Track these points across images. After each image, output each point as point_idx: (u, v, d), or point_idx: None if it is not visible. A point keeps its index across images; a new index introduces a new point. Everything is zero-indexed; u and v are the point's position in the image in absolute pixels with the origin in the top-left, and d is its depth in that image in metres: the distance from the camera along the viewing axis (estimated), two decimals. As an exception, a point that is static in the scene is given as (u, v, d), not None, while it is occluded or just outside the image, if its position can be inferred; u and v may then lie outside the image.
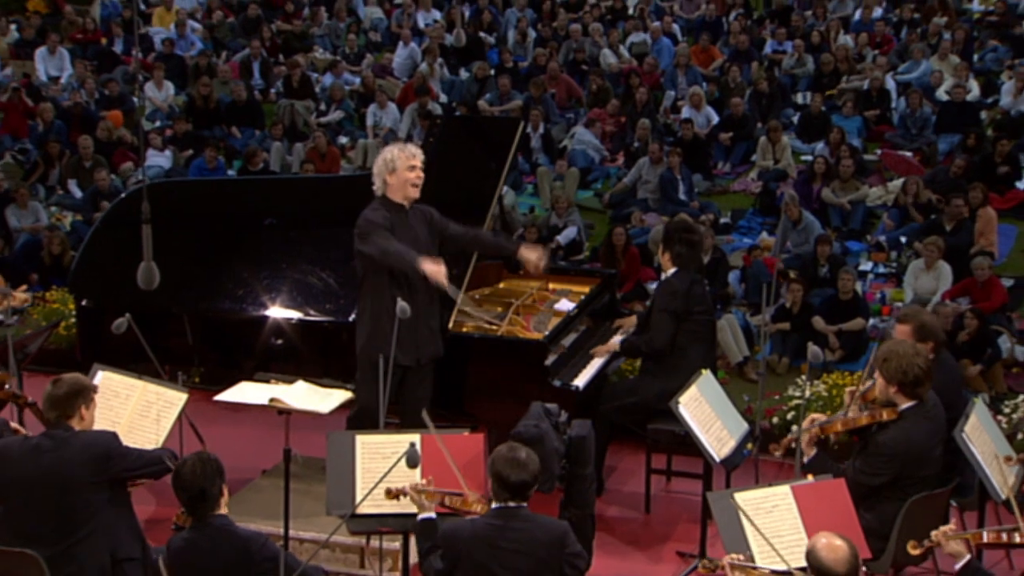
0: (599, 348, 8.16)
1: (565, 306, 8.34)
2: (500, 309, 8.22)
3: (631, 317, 8.56)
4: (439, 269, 7.00)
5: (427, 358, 7.34)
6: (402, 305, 6.72)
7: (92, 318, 8.18)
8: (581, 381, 7.77)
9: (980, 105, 16.25)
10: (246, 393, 6.97)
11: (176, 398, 6.88)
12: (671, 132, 15.63)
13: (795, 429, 6.99)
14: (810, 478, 6.10)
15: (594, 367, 7.99)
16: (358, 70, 18.29)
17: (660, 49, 18.42)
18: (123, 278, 6.93)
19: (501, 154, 8.11)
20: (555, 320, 8.06)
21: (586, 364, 8.00)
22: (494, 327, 7.96)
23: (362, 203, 7.41)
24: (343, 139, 16.04)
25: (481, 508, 5.72)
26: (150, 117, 16.75)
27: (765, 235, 13.07)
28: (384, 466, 5.88)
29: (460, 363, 7.55)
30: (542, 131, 15.44)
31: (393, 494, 5.92)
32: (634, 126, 15.38)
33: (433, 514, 5.76)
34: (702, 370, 7.28)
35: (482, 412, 7.36)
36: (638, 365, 8.49)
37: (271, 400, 6.78)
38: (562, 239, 12.87)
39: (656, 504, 8.06)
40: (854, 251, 12.80)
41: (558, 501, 6.65)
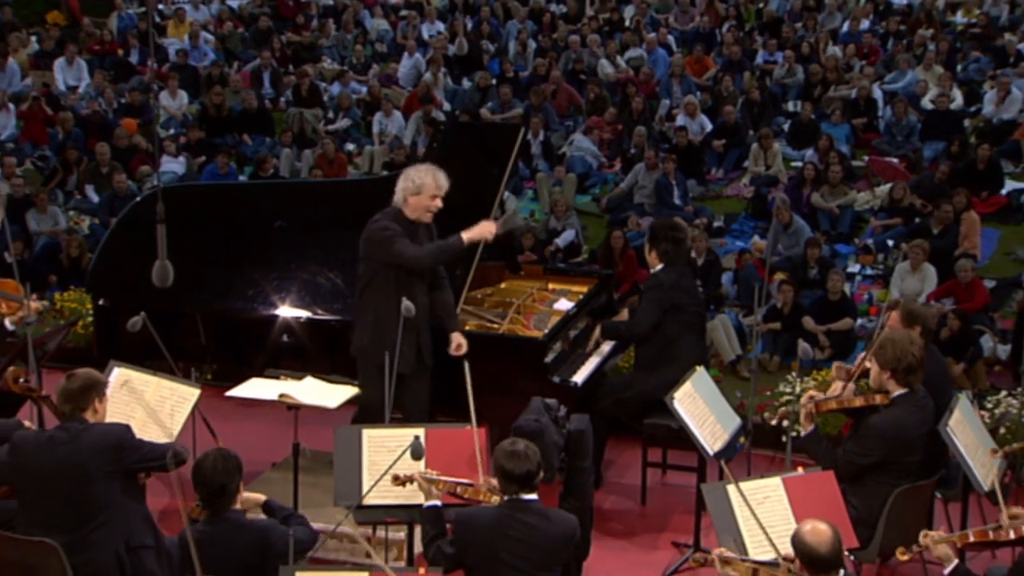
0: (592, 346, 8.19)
1: (564, 305, 8.32)
2: (501, 308, 8.22)
3: (622, 313, 8.56)
4: (484, 226, 7.19)
5: (426, 361, 7.36)
6: (407, 304, 6.72)
7: (108, 317, 8.19)
8: (579, 377, 7.78)
9: (963, 113, 16.25)
10: (256, 389, 6.98)
11: (189, 394, 6.87)
12: (666, 139, 15.61)
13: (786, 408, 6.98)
14: (800, 470, 6.11)
15: (592, 364, 7.99)
16: (365, 79, 18.27)
17: (656, 60, 18.41)
18: (138, 278, 6.89)
19: (502, 159, 8.09)
20: (554, 319, 8.04)
21: (584, 361, 8.00)
22: (495, 325, 7.95)
23: (368, 206, 7.42)
24: (350, 146, 16.01)
25: (493, 498, 5.70)
26: (164, 125, 16.73)
27: (757, 238, 13.05)
28: (390, 459, 5.87)
29: (463, 361, 7.53)
30: (542, 138, 15.43)
31: (401, 480, 5.91)
32: (631, 133, 15.38)
33: (439, 502, 5.75)
34: (696, 367, 7.28)
35: (484, 408, 7.29)
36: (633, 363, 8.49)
37: (281, 396, 6.78)
38: (561, 242, 12.85)
39: (652, 496, 8.06)
40: (843, 254, 12.79)
41: (557, 493, 6.64)
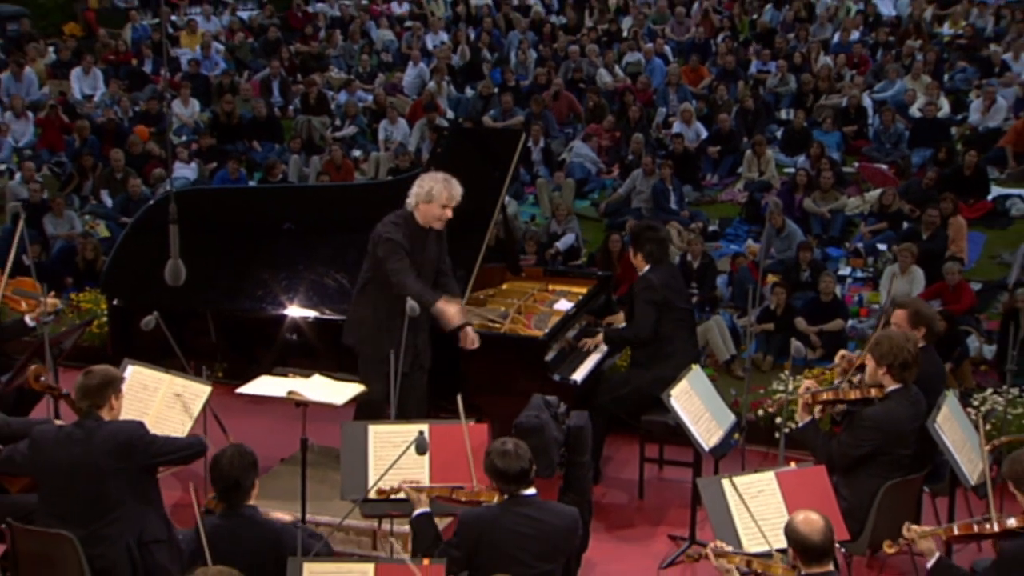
0: (587, 340, 8.14)
1: (564, 306, 8.31)
2: (503, 308, 8.20)
3: (619, 315, 8.54)
4: (453, 312, 7.06)
5: (423, 363, 7.35)
6: (411, 304, 6.71)
7: (122, 316, 8.18)
8: (579, 375, 7.77)
9: (950, 122, 16.27)
10: (266, 386, 6.96)
11: (201, 391, 6.85)
12: (663, 146, 15.61)
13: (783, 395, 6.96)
14: (793, 465, 6.11)
15: (591, 363, 7.97)
16: (371, 88, 18.28)
17: (653, 69, 18.43)
18: (151, 279, 6.92)
19: (504, 164, 8.09)
20: (555, 319, 8.03)
21: (584, 359, 7.99)
22: (497, 325, 7.95)
23: (373, 210, 7.41)
24: (357, 152, 16.02)
25: (490, 497, 5.68)
26: (177, 132, 16.76)
27: (751, 242, 13.04)
28: (395, 454, 5.86)
29: (466, 359, 7.53)
30: (542, 145, 15.43)
31: (387, 493, 5.89)
32: (628, 140, 15.38)
33: (428, 508, 5.73)
34: (692, 365, 7.28)
35: (486, 405, 7.33)
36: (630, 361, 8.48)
37: (289, 393, 6.76)
38: (561, 245, 12.85)
39: (649, 490, 8.05)
40: (834, 257, 12.79)
41: (557, 487, 6.63)
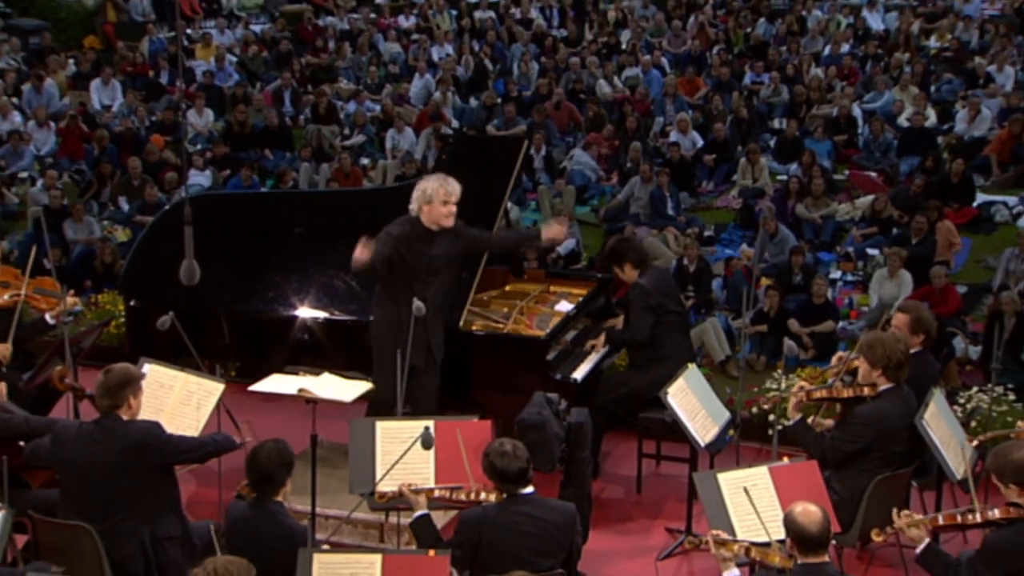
0: (591, 342, 8.15)
1: (565, 307, 8.30)
2: (506, 309, 8.19)
3: (619, 317, 8.53)
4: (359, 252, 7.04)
5: (436, 357, 7.33)
6: (418, 304, 6.71)
7: (139, 317, 8.20)
8: (579, 374, 7.76)
9: (937, 131, 16.23)
10: (277, 384, 6.95)
11: (214, 388, 6.85)
12: (660, 154, 15.59)
13: (777, 394, 6.95)
14: (786, 460, 6.10)
15: (591, 362, 7.96)
16: (378, 98, 18.27)
17: (650, 80, 18.42)
18: (167, 281, 6.91)
19: (507, 170, 8.07)
20: (556, 319, 8.02)
21: (584, 359, 7.98)
22: (500, 325, 7.94)
23: (380, 214, 7.41)
24: (365, 160, 16.00)
25: (483, 495, 5.66)
26: (192, 140, 16.74)
27: (745, 247, 13.02)
28: (402, 449, 5.85)
29: (470, 358, 7.52)
30: (544, 153, 15.42)
31: (387, 497, 5.87)
32: (627, 149, 15.36)
33: (426, 510, 5.72)
34: (689, 363, 7.27)
35: (490, 402, 7.33)
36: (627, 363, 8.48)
37: (300, 390, 6.75)
38: (562, 250, 12.80)
39: (647, 485, 8.03)
40: (825, 261, 12.75)
41: (558, 481, 6.62)
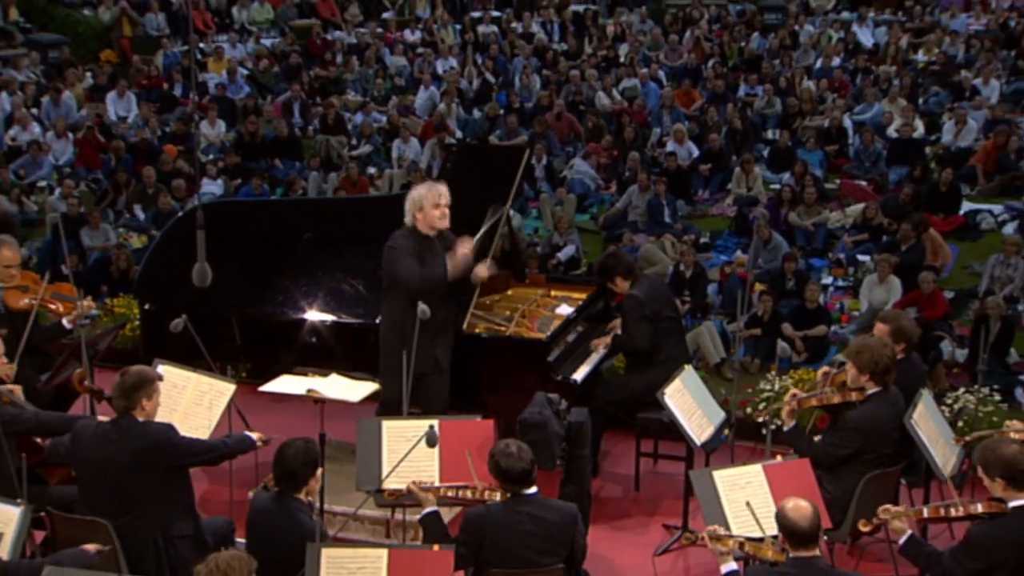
0: (596, 341, 8.14)
1: (565, 310, 8.29)
2: (508, 312, 8.18)
3: (617, 322, 8.53)
4: (462, 247, 7.10)
5: (443, 364, 7.32)
6: (422, 307, 6.70)
7: (153, 320, 8.19)
8: (579, 375, 7.75)
9: (925, 142, 16.23)
10: (286, 385, 6.95)
11: (226, 389, 6.85)
12: (657, 164, 15.59)
13: (774, 404, 6.95)
14: (779, 458, 6.09)
15: (591, 363, 7.95)
16: (385, 110, 18.28)
17: (648, 92, 18.42)
18: (180, 285, 6.90)
19: (509, 178, 8.07)
20: (556, 322, 8.02)
21: (584, 360, 7.97)
22: (503, 328, 7.93)
23: (386, 220, 7.41)
24: (371, 169, 15.99)
25: (488, 494, 5.65)
26: (204, 151, 16.74)
27: (739, 253, 13.02)
28: (407, 447, 5.84)
29: (474, 360, 7.51)
30: (545, 163, 15.42)
31: (395, 494, 5.87)
32: (625, 158, 15.36)
33: (435, 507, 5.71)
34: (685, 365, 7.26)
35: (493, 402, 7.32)
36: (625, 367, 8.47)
37: (308, 391, 6.75)
38: (562, 256, 12.83)
39: (645, 483, 8.03)
40: (817, 267, 12.74)
41: (559, 479, 6.61)
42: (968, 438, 6.73)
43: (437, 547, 5.23)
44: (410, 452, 5.77)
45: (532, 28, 21.97)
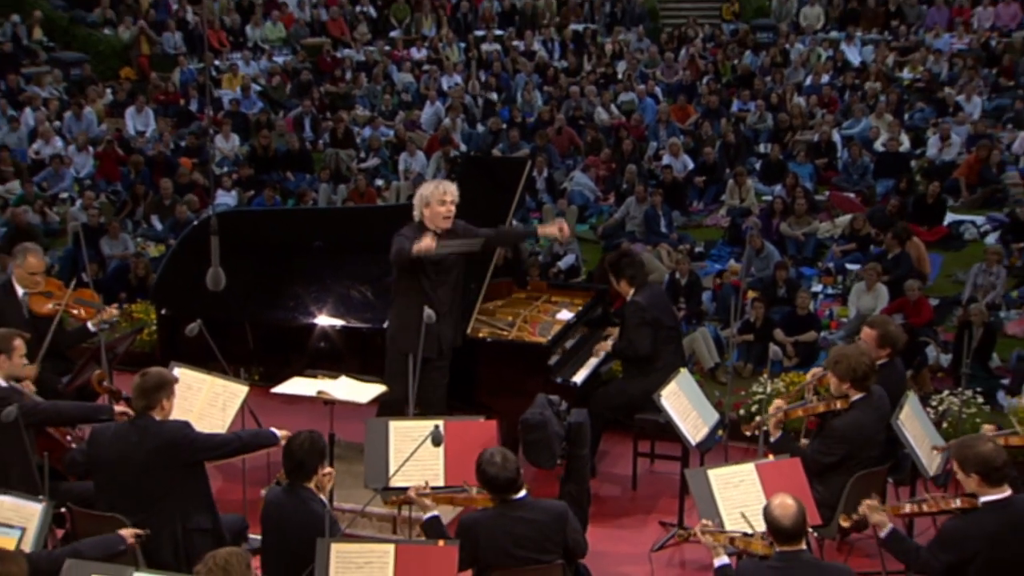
0: (597, 346, 8.13)
1: (565, 316, 8.28)
2: (510, 318, 8.17)
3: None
4: (424, 241, 6.91)
5: (447, 348, 7.29)
6: (428, 312, 6.70)
7: (170, 324, 8.19)
8: (579, 378, 7.74)
9: (910, 155, 16.25)
10: (297, 386, 6.95)
11: (239, 391, 6.84)
12: (654, 176, 15.58)
13: (759, 417, 6.93)
14: (771, 457, 6.08)
15: (590, 366, 7.94)
16: (392, 124, 18.27)
17: (645, 107, 18.43)
18: (195, 291, 6.91)
19: (511, 188, 8.07)
20: (557, 327, 8.00)
21: (583, 363, 7.95)
22: (505, 332, 7.92)
23: (393, 229, 7.39)
24: (379, 181, 16.00)
25: (486, 500, 5.63)
26: (219, 163, 16.76)
27: (733, 262, 13.02)
28: (413, 447, 5.83)
29: (477, 362, 7.51)
30: (546, 175, 15.43)
31: (396, 502, 5.86)
32: (623, 171, 15.36)
33: (436, 512, 5.69)
34: (681, 368, 7.25)
35: (495, 404, 7.31)
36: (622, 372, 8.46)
37: (318, 392, 6.75)
38: (563, 264, 12.84)
39: (642, 482, 8.01)
40: (807, 275, 12.75)
41: (559, 477, 6.60)
42: (955, 442, 6.71)
43: (442, 543, 5.23)
44: (416, 451, 5.76)
45: (534, 46, 21.97)
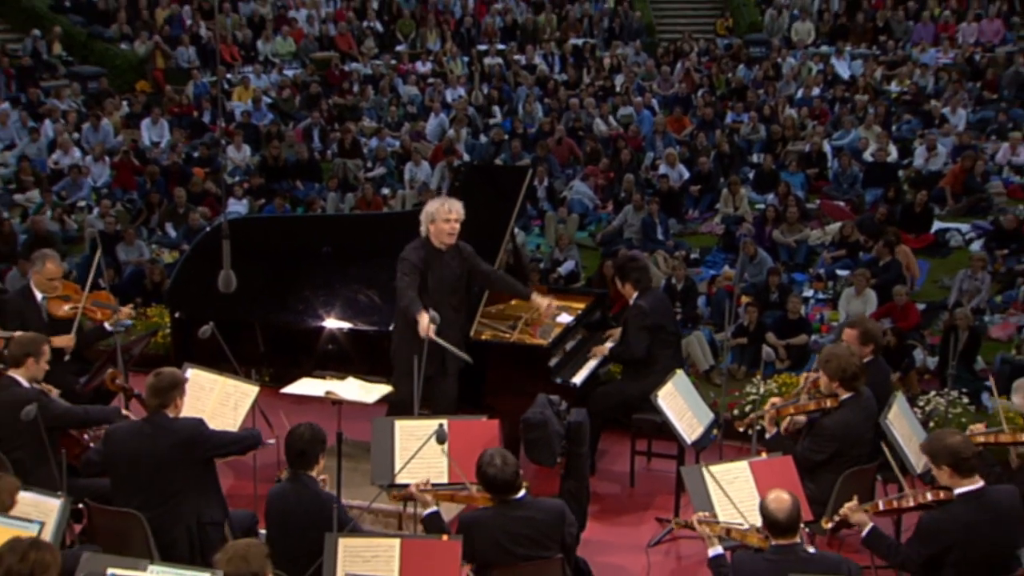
0: (596, 349, 8.11)
1: (565, 319, 8.26)
2: (513, 321, 8.14)
3: (618, 329, 8.49)
4: (425, 327, 6.72)
5: (448, 367, 7.25)
6: (432, 314, 6.69)
7: (183, 327, 8.17)
8: (578, 379, 7.71)
9: (898, 165, 16.28)
10: (306, 387, 6.93)
11: (250, 391, 6.86)
12: (651, 185, 15.60)
13: (754, 413, 6.92)
14: (764, 455, 6.07)
15: (588, 368, 7.93)
16: (398, 135, 18.30)
17: (642, 119, 18.45)
18: (208, 295, 6.91)
19: (512, 197, 8.07)
20: (557, 330, 7.99)
21: (583, 365, 7.94)
22: (507, 335, 7.92)
23: (397, 235, 7.40)
24: (385, 190, 16.03)
25: (486, 499, 5.62)
26: (231, 173, 16.78)
27: (727, 268, 13.03)
28: (418, 445, 5.83)
29: (480, 364, 7.50)
30: (547, 184, 15.44)
31: (399, 497, 5.85)
32: (621, 180, 15.37)
33: (436, 508, 5.70)
34: (677, 369, 7.24)
35: (498, 403, 7.30)
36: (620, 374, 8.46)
37: (326, 393, 6.74)
38: (563, 270, 12.84)
39: (639, 479, 7.99)
40: (799, 281, 12.76)
41: (559, 474, 6.59)
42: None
43: (446, 537, 5.22)
44: (421, 449, 5.76)
45: (535, 60, 22.00)
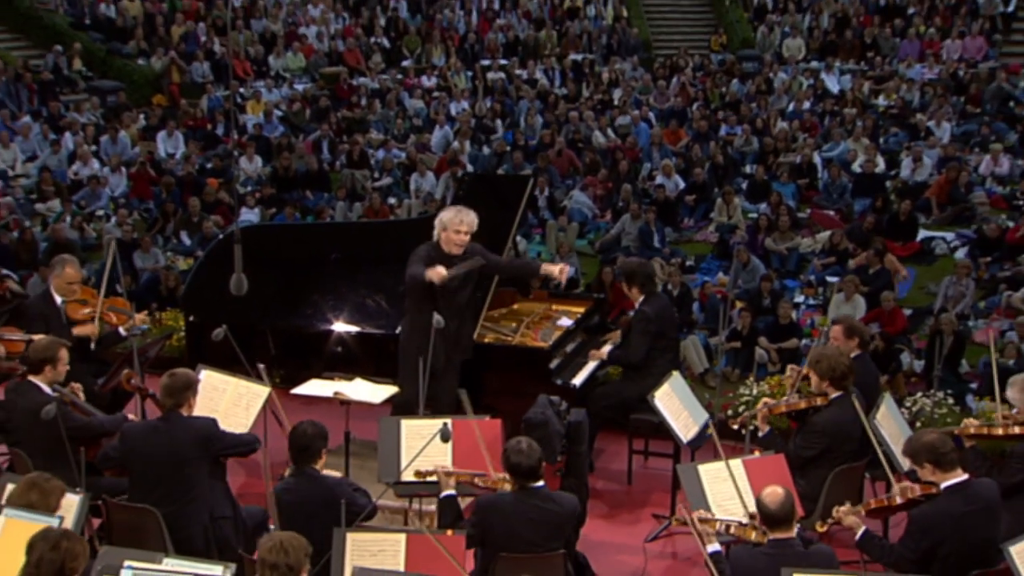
0: (594, 352, 8.09)
1: (565, 322, 8.27)
2: (514, 324, 8.16)
3: (616, 332, 8.49)
4: (437, 270, 6.83)
5: (456, 359, 7.27)
6: (437, 317, 6.69)
7: (197, 331, 8.18)
8: (578, 380, 7.72)
9: (885, 176, 16.27)
10: (315, 388, 6.95)
11: (261, 391, 6.84)
12: (647, 195, 15.61)
13: (747, 413, 6.91)
14: (757, 453, 6.06)
15: (588, 370, 7.92)
16: (404, 147, 18.29)
17: (639, 131, 18.44)
18: (221, 300, 6.91)
19: (514, 205, 8.07)
20: (557, 333, 8.00)
21: (582, 367, 7.94)
22: (509, 338, 7.91)
23: (403, 242, 7.40)
24: (392, 200, 16.01)
25: (503, 485, 5.63)
26: (243, 183, 16.79)
27: (721, 274, 13.02)
28: (424, 443, 5.81)
29: (483, 366, 7.50)
30: (547, 194, 15.43)
31: (423, 475, 5.86)
32: (619, 190, 15.38)
33: (454, 491, 5.69)
34: (673, 371, 7.23)
35: (500, 404, 7.28)
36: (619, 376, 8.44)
37: (335, 393, 6.75)
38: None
39: (636, 478, 7.97)
40: (790, 287, 12.75)
41: (560, 472, 6.58)
42: None
43: (451, 532, 5.21)
44: (426, 447, 5.75)
45: (536, 75, 22.03)
